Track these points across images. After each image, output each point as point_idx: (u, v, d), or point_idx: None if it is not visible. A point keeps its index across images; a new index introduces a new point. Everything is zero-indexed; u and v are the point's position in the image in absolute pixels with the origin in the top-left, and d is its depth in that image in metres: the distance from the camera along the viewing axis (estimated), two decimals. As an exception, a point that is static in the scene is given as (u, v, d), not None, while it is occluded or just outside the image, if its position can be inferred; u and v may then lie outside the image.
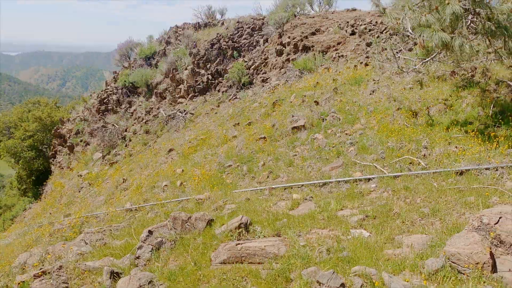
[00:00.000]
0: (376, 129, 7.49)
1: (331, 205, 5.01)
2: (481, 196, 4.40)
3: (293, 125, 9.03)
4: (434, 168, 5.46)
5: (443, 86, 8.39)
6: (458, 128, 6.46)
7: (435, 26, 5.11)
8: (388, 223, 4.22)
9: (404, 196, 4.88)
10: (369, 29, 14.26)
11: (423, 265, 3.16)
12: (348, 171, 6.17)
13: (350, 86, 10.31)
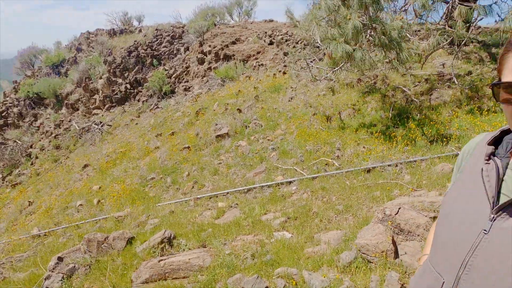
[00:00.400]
0: (295, 134, 7.89)
1: (256, 210, 5.12)
2: (385, 190, 4.93)
3: (217, 133, 9.04)
4: (347, 168, 5.94)
5: (352, 92, 9.23)
6: (365, 130, 7.15)
7: (340, 39, 5.61)
8: (308, 223, 4.46)
9: (322, 196, 5.22)
10: (285, 39, 15.07)
11: (339, 259, 3.40)
12: (271, 176, 6.38)
13: (271, 94, 10.72)
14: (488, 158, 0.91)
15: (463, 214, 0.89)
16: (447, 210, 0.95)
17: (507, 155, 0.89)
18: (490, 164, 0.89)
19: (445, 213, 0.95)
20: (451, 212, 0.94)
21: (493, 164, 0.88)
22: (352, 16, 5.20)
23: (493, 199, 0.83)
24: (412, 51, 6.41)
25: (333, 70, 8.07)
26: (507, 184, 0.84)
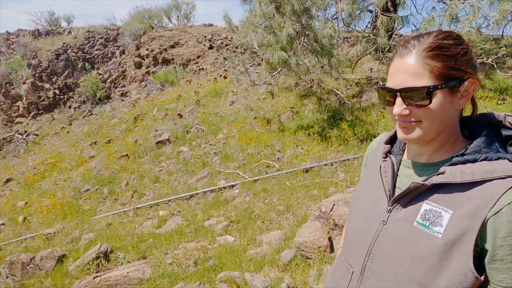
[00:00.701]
0: (237, 137, 7.96)
1: (198, 216, 5.07)
2: (322, 189, 5.20)
3: (157, 139, 8.77)
4: (287, 169, 6.15)
5: (290, 96, 9.57)
6: (303, 132, 7.47)
7: (276, 45, 5.81)
8: (250, 225, 4.53)
9: (263, 198, 5.33)
10: (225, 44, 15.15)
11: (280, 258, 3.51)
12: (214, 180, 6.36)
13: (212, 98, 10.69)
14: (385, 156, 1.01)
15: (366, 208, 0.99)
16: (354, 204, 1.05)
17: (400, 152, 1.00)
18: (387, 161, 0.99)
19: (352, 208, 1.05)
20: (357, 206, 1.03)
21: (389, 161, 0.98)
22: (285, 24, 5.42)
23: (389, 192, 0.93)
24: (342, 57, 6.85)
25: (271, 75, 8.31)
26: (401, 179, 0.95)
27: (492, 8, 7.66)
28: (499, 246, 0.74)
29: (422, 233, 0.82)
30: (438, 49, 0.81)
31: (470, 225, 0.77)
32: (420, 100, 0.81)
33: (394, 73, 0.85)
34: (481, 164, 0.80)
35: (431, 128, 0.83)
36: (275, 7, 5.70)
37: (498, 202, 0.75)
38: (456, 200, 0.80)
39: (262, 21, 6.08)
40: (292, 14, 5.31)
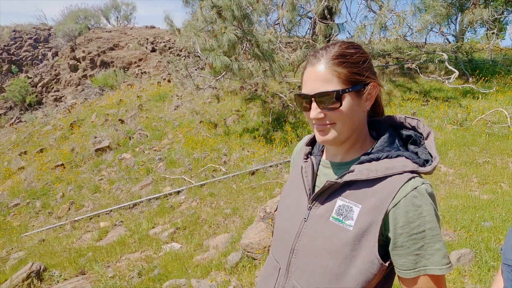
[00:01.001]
0: (182, 142, 7.83)
1: (143, 225, 4.90)
2: (267, 190, 5.32)
3: (96, 146, 8.29)
4: (233, 172, 6.19)
5: (236, 99, 9.65)
6: (249, 135, 7.58)
7: (218, 50, 5.83)
8: (197, 230, 4.49)
9: (210, 202, 5.32)
10: (169, 47, 14.81)
11: (226, 261, 3.53)
12: (159, 187, 6.19)
13: (155, 103, 10.39)
14: (306, 157, 1.08)
15: (290, 207, 1.06)
16: (280, 204, 1.12)
17: (320, 153, 1.09)
18: (308, 162, 1.06)
19: (279, 207, 1.12)
20: (282, 205, 1.10)
21: (310, 162, 1.05)
22: (226, 30, 5.47)
23: (309, 191, 1.00)
24: (284, 62, 7.09)
25: (216, 79, 8.32)
26: (320, 178, 1.03)
27: (415, 19, 8.46)
28: (399, 234, 0.84)
29: (337, 227, 0.90)
30: (342, 57, 0.89)
31: (375, 217, 0.86)
32: (332, 104, 0.88)
33: (307, 81, 0.93)
34: (383, 162, 0.89)
35: (344, 129, 0.91)
36: (216, 12, 5.73)
37: (397, 195, 0.84)
38: (364, 195, 0.89)
39: (204, 25, 6.07)
40: (233, 20, 5.38)
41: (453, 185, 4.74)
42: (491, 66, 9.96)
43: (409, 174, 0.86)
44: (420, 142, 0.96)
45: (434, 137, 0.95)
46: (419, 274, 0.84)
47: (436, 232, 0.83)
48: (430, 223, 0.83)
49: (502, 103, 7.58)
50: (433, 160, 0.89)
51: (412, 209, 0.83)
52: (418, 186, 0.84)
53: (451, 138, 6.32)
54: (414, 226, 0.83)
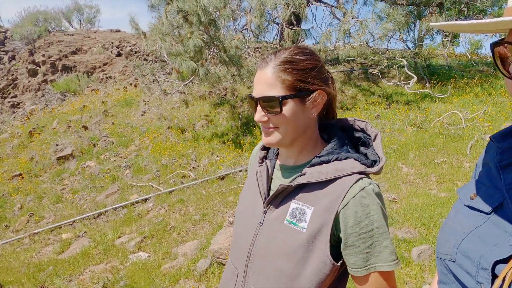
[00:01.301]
0: (150, 148, 7.66)
1: (108, 235, 4.73)
2: (237, 195, 5.31)
3: (58, 155, 7.92)
4: (202, 178, 6.14)
5: (204, 104, 9.59)
6: (218, 140, 7.55)
7: (185, 55, 5.78)
8: (165, 238, 4.40)
9: (179, 209, 5.23)
10: (135, 51, 14.47)
11: (195, 268, 3.48)
12: (125, 195, 6.01)
13: (121, 108, 10.11)
14: (261, 161, 1.09)
15: (246, 211, 1.07)
16: (238, 209, 1.13)
17: (274, 157, 1.10)
18: (263, 166, 1.07)
19: (236, 212, 1.13)
20: (239, 210, 1.11)
21: (265, 166, 1.06)
22: (193, 35, 5.44)
23: (264, 195, 1.01)
24: (253, 66, 7.14)
25: (184, 84, 8.23)
26: (274, 182, 1.04)
27: (377, 26, 8.83)
28: (349, 234, 0.87)
29: (291, 230, 0.92)
30: (289, 63, 0.91)
31: (326, 218, 0.88)
32: (274, 109, 0.90)
33: (255, 84, 0.95)
34: (333, 164, 0.92)
35: (287, 133, 0.94)
36: (182, 16, 5.69)
37: (346, 196, 0.87)
38: (316, 197, 0.91)
39: (170, 29, 6.01)
40: (200, 25, 5.36)
41: (414, 185, 4.97)
42: (447, 71, 10.57)
43: (357, 175, 0.89)
44: (369, 143, 1.00)
45: (381, 139, 1.00)
46: (370, 272, 0.87)
47: (384, 230, 0.87)
48: (378, 222, 0.86)
49: (457, 106, 8.07)
50: (380, 160, 0.94)
51: (360, 209, 0.86)
52: (365, 187, 0.87)
53: (411, 139, 6.63)
54: (363, 226, 0.86)
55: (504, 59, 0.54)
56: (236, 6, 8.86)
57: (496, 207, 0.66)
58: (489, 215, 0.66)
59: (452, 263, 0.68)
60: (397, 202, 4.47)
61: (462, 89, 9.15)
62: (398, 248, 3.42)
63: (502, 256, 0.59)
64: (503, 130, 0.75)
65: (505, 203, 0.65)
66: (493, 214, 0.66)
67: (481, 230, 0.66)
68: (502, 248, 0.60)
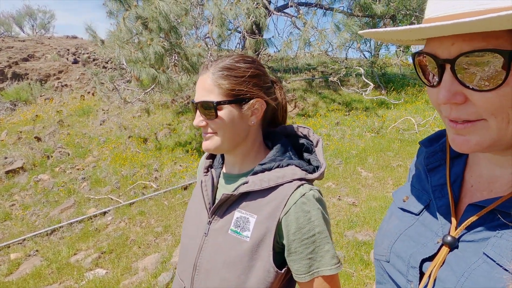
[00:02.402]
0: (109, 159, 7.37)
1: (63, 253, 4.45)
2: (201, 204, 5.23)
3: (7, 168, 7.38)
4: (165, 188, 5.98)
5: (167, 113, 9.41)
6: (181, 149, 7.42)
7: (145, 62, 5.65)
8: (125, 253, 4.22)
9: (140, 221, 5.05)
10: (93, 58, 13.95)
11: (157, 283, 3.37)
12: (82, 209, 5.70)
13: (78, 118, 9.66)
14: (206, 170, 1.08)
15: (192, 223, 1.05)
16: (185, 220, 1.10)
17: (220, 166, 1.09)
18: (208, 175, 1.06)
19: (184, 224, 1.10)
20: (186, 222, 1.09)
21: (210, 175, 1.05)
22: (153, 42, 5.34)
23: (209, 205, 1.00)
24: (215, 74, 7.12)
25: (145, 92, 8.03)
26: (220, 191, 1.03)
27: (335, 36, 9.17)
28: (292, 240, 0.88)
29: (235, 239, 0.91)
30: (227, 70, 0.92)
31: (269, 226, 0.89)
32: (210, 113, 0.91)
33: (196, 89, 0.96)
34: (275, 171, 0.93)
35: (224, 139, 0.94)
36: (142, 23, 5.57)
37: (287, 203, 0.88)
38: (259, 205, 0.91)
39: (129, 36, 5.85)
40: (160, 31, 5.28)
41: (372, 188, 5.17)
42: (401, 79, 11.18)
43: (298, 181, 0.91)
44: (312, 149, 1.02)
45: (322, 145, 1.02)
46: (314, 277, 0.88)
47: (325, 234, 0.89)
48: (319, 227, 0.88)
49: (411, 112, 8.54)
50: (321, 166, 0.96)
51: (302, 215, 0.87)
52: (306, 193, 0.89)
53: (370, 145, 6.90)
54: (305, 231, 0.87)
55: (424, 69, 0.57)
56: (198, 14, 8.84)
57: (424, 208, 0.70)
58: (418, 215, 0.70)
59: (386, 264, 0.71)
60: (357, 205, 4.61)
61: (414, 96, 9.71)
62: (358, 251, 3.52)
63: (428, 254, 0.62)
64: (430, 135, 0.80)
65: (431, 203, 0.69)
66: (421, 214, 0.70)
67: (411, 231, 0.69)
68: (428, 247, 0.63)
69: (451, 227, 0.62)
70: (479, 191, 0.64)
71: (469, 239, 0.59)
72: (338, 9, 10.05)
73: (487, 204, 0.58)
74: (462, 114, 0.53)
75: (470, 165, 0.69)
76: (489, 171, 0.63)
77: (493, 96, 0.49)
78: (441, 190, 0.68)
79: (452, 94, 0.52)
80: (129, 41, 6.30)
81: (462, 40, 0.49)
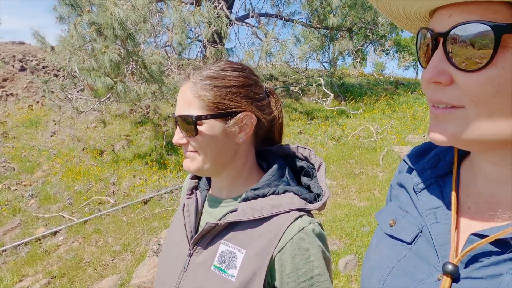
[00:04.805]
0: (61, 174, 6.85)
1: (6, 280, 4.00)
2: (163, 219, 4.98)
3: None
4: (123, 203, 5.64)
5: (125, 123, 8.99)
6: (140, 161, 7.08)
7: (99, 70, 5.34)
8: (78, 277, 3.87)
9: (96, 240, 4.69)
10: (43, 65, 13.08)
11: (114, 308, 3.10)
12: (29, 230, 5.20)
13: (26, 129, 8.94)
14: (190, 192, 0.93)
15: (170, 254, 0.90)
16: (162, 249, 0.95)
17: (206, 187, 0.94)
18: (191, 198, 0.90)
19: (161, 254, 0.94)
20: (163, 252, 0.93)
21: (194, 199, 0.90)
22: (108, 49, 5.07)
23: (191, 234, 0.84)
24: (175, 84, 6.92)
25: (100, 101, 7.61)
26: (204, 217, 0.88)
27: (296, 47, 9.35)
28: (286, 283, 0.74)
29: (219, 278, 0.77)
30: (211, 79, 0.79)
31: (260, 264, 0.75)
32: (190, 130, 0.78)
33: (177, 101, 0.83)
34: (269, 199, 0.79)
35: (207, 159, 0.81)
36: (96, 29, 5.27)
37: (283, 238, 0.75)
38: (249, 238, 0.78)
39: (81, 43, 5.52)
40: (115, 39, 5.02)
41: (337, 196, 5.23)
42: (358, 89, 11.63)
43: (296, 212, 0.77)
44: (313, 173, 0.89)
45: (325, 169, 0.88)
46: None
47: (325, 278, 0.76)
48: (318, 269, 0.76)
49: (369, 120, 8.86)
50: (323, 195, 0.82)
51: (299, 253, 0.75)
52: (305, 227, 0.76)
53: (332, 153, 7.04)
54: (302, 273, 0.74)
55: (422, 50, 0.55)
56: (157, 22, 8.61)
57: (417, 235, 0.61)
58: (410, 245, 0.61)
59: None
60: (322, 214, 4.63)
61: (372, 105, 10.12)
62: (326, 261, 3.50)
63: None
64: (416, 149, 0.72)
65: (424, 230, 0.60)
66: (414, 243, 0.61)
67: (405, 263, 0.60)
68: (427, 284, 0.55)
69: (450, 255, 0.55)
70: (479, 215, 0.57)
71: (476, 275, 0.51)
72: (297, 21, 10.28)
73: (492, 232, 0.50)
74: (444, 96, 0.50)
75: (464, 183, 0.61)
76: (488, 189, 0.56)
77: (478, 79, 0.46)
78: (435, 214, 0.60)
79: (438, 72, 0.49)
80: (82, 48, 5.94)
81: (459, 12, 0.47)
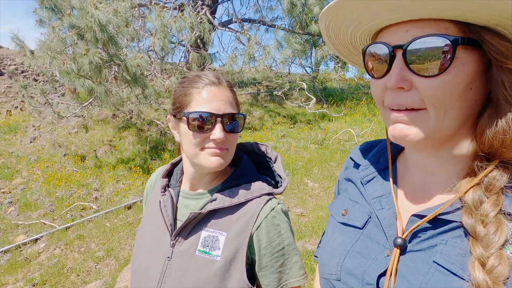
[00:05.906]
0: (42, 180, 6.72)
1: (-16, 289, 3.91)
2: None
3: None
4: (106, 208, 5.60)
5: (107, 128, 8.90)
6: (124, 166, 7.03)
7: (80, 73, 5.30)
8: (61, 283, 3.83)
9: (78, 246, 4.64)
10: (22, 70, 12.79)
11: (98, 313, 3.09)
12: (8, 237, 5.09)
13: (4, 135, 8.72)
14: (164, 190, 1.02)
15: (150, 246, 0.97)
16: (138, 245, 1.02)
17: (178, 184, 1.04)
18: (166, 195, 1.00)
19: (136, 248, 1.02)
20: (140, 246, 1.01)
21: (168, 195, 0.99)
22: (88, 52, 5.04)
23: (171, 226, 0.94)
24: (160, 87, 6.92)
25: (82, 106, 7.52)
26: (181, 211, 0.98)
27: (278, 52, 9.49)
28: (263, 255, 0.87)
29: (204, 260, 0.87)
30: (232, 86, 0.96)
31: (240, 242, 0.87)
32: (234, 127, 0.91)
33: (212, 100, 0.88)
34: (243, 187, 0.93)
35: (230, 155, 0.94)
36: (76, 33, 5.24)
37: (258, 217, 0.88)
38: (228, 222, 0.89)
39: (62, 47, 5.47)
40: (97, 42, 5.00)
41: (319, 198, 5.35)
42: (340, 94, 11.87)
43: (266, 196, 0.92)
44: (271, 165, 1.04)
45: (281, 160, 1.04)
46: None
47: (293, 246, 0.90)
48: (288, 239, 0.90)
49: (350, 124, 9.07)
50: (283, 181, 0.98)
51: (272, 229, 0.88)
52: (275, 207, 0.90)
53: (314, 156, 7.18)
54: (275, 245, 0.88)
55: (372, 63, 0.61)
56: (140, 26, 8.59)
57: (367, 221, 0.70)
58: (362, 229, 0.70)
59: (337, 282, 0.69)
60: (305, 216, 4.73)
61: (353, 109, 10.35)
62: (308, 261, 3.59)
63: (383, 269, 0.62)
64: (360, 147, 0.82)
65: (373, 215, 0.70)
66: (365, 228, 0.70)
67: (358, 246, 0.69)
68: (379, 261, 0.64)
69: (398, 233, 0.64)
70: (414, 199, 0.67)
71: (417, 248, 0.60)
72: (280, 26, 10.44)
73: (428, 213, 0.60)
74: (406, 101, 0.55)
75: (401, 175, 0.72)
76: (421, 178, 0.67)
77: (437, 83, 0.52)
78: (380, 202, 0.69)
79: (401, 79, 0.54)
80: (62, 51, 5.88)
81: (416, 27, 0.53)
